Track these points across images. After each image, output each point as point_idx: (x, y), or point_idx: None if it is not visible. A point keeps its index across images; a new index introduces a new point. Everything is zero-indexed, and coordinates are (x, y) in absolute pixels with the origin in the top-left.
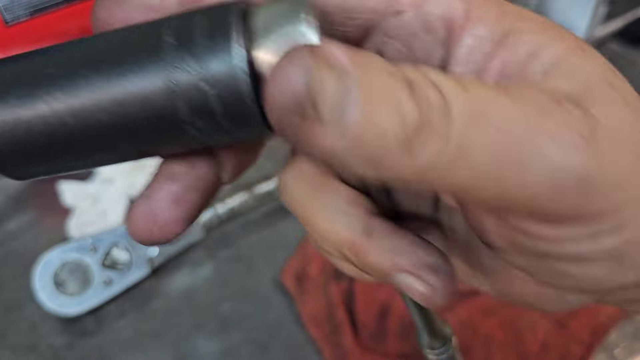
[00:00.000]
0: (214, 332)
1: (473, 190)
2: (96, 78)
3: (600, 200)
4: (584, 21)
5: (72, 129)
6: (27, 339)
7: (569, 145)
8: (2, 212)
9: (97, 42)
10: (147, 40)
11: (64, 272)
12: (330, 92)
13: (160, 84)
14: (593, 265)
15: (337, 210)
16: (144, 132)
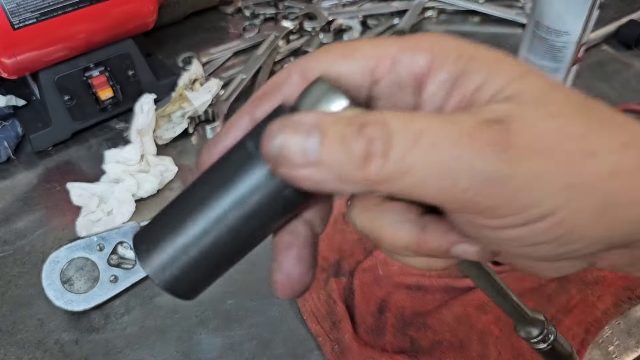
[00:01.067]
0: (217, 328)
1: (420, 193)
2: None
3: (521, 197)
4: (578, 25)
5: (216, 237)
6: (34, 335)
7: (489, 155)
8: (10, 211)
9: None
10: (241, 153)
11: (71, 270)
12: (295, 145)
13: (260, 174)
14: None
15: (396, 222)
16: (258, 211)
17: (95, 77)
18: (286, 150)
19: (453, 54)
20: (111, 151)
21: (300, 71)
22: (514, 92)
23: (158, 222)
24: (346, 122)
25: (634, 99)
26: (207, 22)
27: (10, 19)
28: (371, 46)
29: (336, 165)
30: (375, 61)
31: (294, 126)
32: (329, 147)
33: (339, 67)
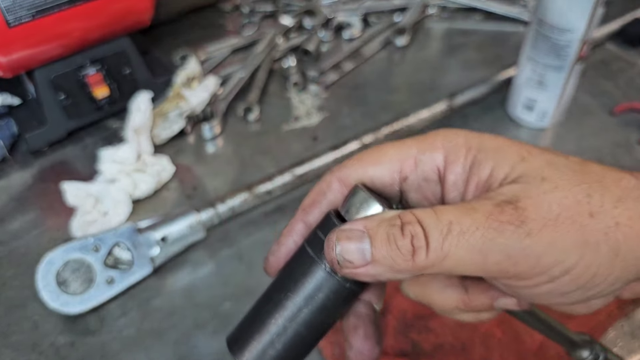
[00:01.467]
0: (214, 331)
1: (460, 270)
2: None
3: (543, 260)
4: (581, 23)
5: (294, 330)
6: (29, 338)
7: (508, 231)
8: (5, 212)
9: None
10: (304, 259)
11: (66, 271)
12: (352, 250)
13: (323, 273)
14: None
15: (442, 289)
16: (327, 305)
17: (91, 75)
18: (346, 255)
19: (463, 148)
20: (107, 150)
21: (339, 179)
22: (519, 174)
23: (246, 324)
24: (388, 224)
25: (638, 97)
26: (204, 19)
27: (6, 16)
28: (394, 151)
29: (388, 261)
30: (400, 163)
31: (348, 235)
32: (379, 247)
33: (372, 172)
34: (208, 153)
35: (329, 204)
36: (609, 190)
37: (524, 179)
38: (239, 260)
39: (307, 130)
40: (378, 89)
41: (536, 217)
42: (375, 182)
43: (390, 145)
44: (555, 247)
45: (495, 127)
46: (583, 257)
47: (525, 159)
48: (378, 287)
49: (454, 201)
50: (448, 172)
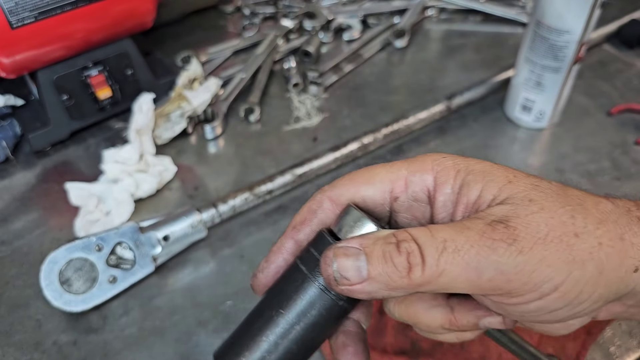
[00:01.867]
0: (216, 329)
1: (454, 287)
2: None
3: (534, 277)
4: (579, 24)
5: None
6: (32, 336)
7: (501, 249)
8: (8, 212)
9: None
10: (297, 277)
11: (69, 270)
12: (348, 267)
13: (316, 291)
14: (555, 311)
15: (428, 308)
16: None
17: (93, 76)
18: (343, 272)
19: (452, 171)
20: (110, 151)
21: (330, 198)
22: (507, 195)
23: (235, 340)
24: (383, 242)
25: (635, 98)
26: (206, 21)
27: (9, 18)
28: (386, 172)
29: (384, 278)
30: (391, 184)
31: (344, 252)
32: (376, 264)
33: (364, 192)
34: (209, 153)
35: (319, 222)
36: (590, 213)
37: (511, 200)
38: (240, 260)
39: (307, 131)
40: (377, 90)
41: (526, 235)
42: (367, 201)
43: (381, 166)
44: (546, 264)
45: (493, 128)
46: (571, 273)
47: (512, 182)
48: (366, 306)
49: (442, 221)
50: (438, 193)
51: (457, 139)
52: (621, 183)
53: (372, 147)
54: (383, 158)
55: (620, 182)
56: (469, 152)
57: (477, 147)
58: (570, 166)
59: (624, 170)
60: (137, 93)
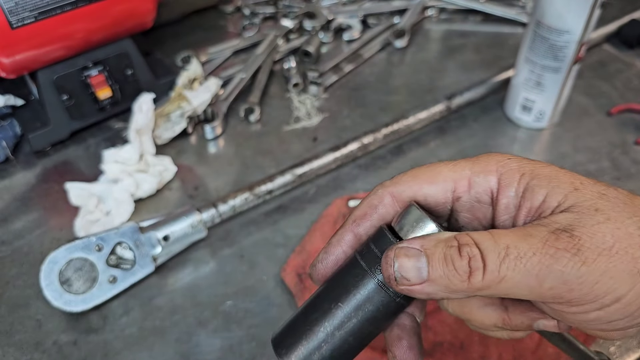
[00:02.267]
0: (216, 329)
1: (514, 293)
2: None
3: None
4: (579, 24)
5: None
6: (32, 336)
7: (564, 259)
8: (8, 212)
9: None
10: (356, 271)
11: (69, 270)
12: (409, 268)
13: (375, 287)
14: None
15: (482, 307)
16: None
17: (93, 76)
18: (403, 272)
19: (517, 174)
20: (110, 151)
21: (391, 194)
22: (572, 203)
23: (293, 328)
24: (445, 245)
25: (635, 98)
26: (206, 21)
27: (9, 18)
28: (449, 170)
29: (444, 280)
30: (454, 184)
31: (405, 253)
32: (436, 267)
33: (426, 190)
34: (209, 153)
35: (380, 217)
36: None
37: (577, 209)
38: (240, 259)
39: (307, 131)
40: (377, 90)
41: (591, 246)
42: (429, 200)
43: (444, 164)
44: (609, 276)
45: (493, 128)
46: (635, 286)
47: (578, 189)
48: (421, 301)
49: (504, 224)
50: (501, 195)
51: (457, 139)
52: (621, 183)
53: (372, 147)
54: (383, 158)
55: (620, 182)
56: (469, 152)
57: (477, 147)
58: (570, 166)
59: (624, 170)
60: (137, 93)
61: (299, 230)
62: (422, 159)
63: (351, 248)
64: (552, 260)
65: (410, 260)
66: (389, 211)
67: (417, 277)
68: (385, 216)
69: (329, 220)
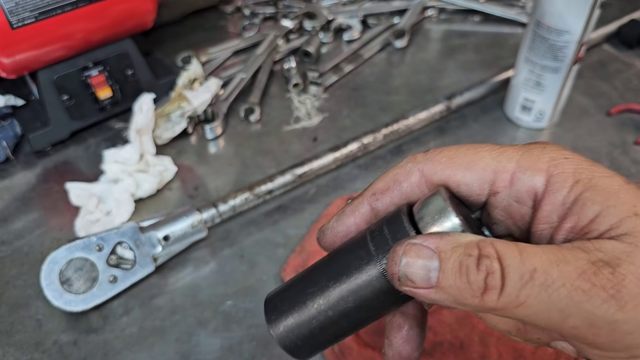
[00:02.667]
0: (216, 329)
1: (530, 321)
2: (340, 285)
3: (628, 339)
4: (579, 25)
5: (334, 318)
6: (32, 336)
7: (599, 298)
8: (9, 212)
9: (333, 262)
10: (362, 253)
11: (69, 270)
12: (417, 269)
13: (378, 274)
14: None
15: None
16: (375, 304)
17: (94, 76)
18: (410, 272)
19: (570, 179)
20: (110, 151)
21: (421, 171)
22: (627, 231)
23: (288, 296)
24: (463, 251)
25: (635, 99)
26: (206, 21)
27: (9, 18)
28: (491, 158)
29: (453, 291)
30: (494, 175)
31: (416, 252)
32: (448, 274)
33: (461, 177)
34: (210, 153)
35: (402, 195)
36: None
37: (630, 239)
38: (240, 259)
39: (307, 131)
40: (377, 90)
41: (633, 290)
42: (462, 188)
43: (488, 149)
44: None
45: (493, 128)
46: None
47: (639, 215)
48: None
49: (541, 234)
50: (546, 200)
51: (456, 139)
52: None
53: (372, 147)
54: (383, 158)
55: None
56: None
57: None
58: None
59: (624, 170)
60: (138, 93)
61: (299, 230)
62: None
63: (365, 222)
64: (583, 297)
65: (419, 260)
66: (414, 190)
67: (424, 281)
68: (409, 195)
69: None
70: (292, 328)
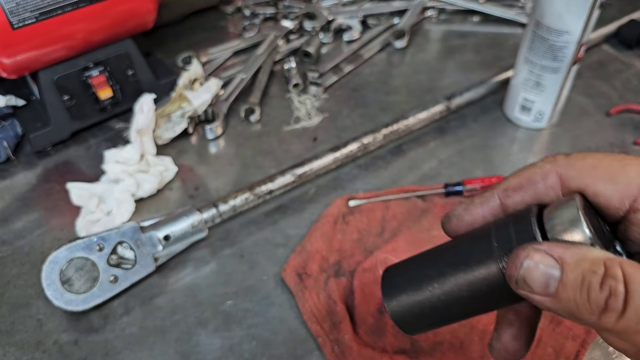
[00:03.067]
0: (216, 329)
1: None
2: (457, 274)
3: None
4: (578, 25)
5: (446, 303)
6: (33, 336)
7: None
8: (9, 212)
9: (453, 250)
10: (484, 247)
11: (70, 270)
12: (537, 276)
13: (497, 271)
14: None
15: None
16: (488, 298)
17: (94, 76)
18: (529, 277)
19: None
20: (111, 151)
21: (560, 174)
22: None
23: (406, 273)
24: (588, 267)
25: (634, 99)
26: (206, 21)
27: (10, 18)
28: (638, 173)
29: (571, 304)
30: (638, 191)
31: (539, 256)
32: (568, 287)
33: (601, 187)
34: (210, 153)
35: (535, 196)
36: None
37: None
38: (240, 259)
39: (308, 131)
40: (377, 90)
41: None
42: (600, 199)
43: (635, 164)
44: None
45: (492, 128)
46: None
47: None
48: None
49: None
50: None
51: (456, 139)
52: None
53: (371, 147)
54: (383, 158)
55: None
56: (468, 152)
57: (477, 147)
58: None
59: None
60: (138, 93)
61: (299, 230)
62: (421, 159)
63: (492, 215)
64: None
65: (540, 267)
66: (548, 192)
67: (542, 288)
68: (541, 196)
69: (329, 220)
70: (404, 304)
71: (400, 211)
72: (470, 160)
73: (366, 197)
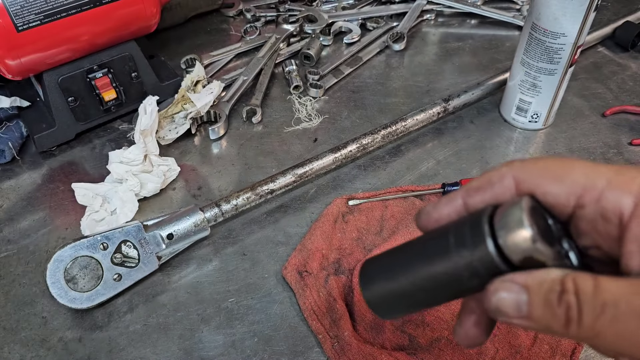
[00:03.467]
0: (219, 326)
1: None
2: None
3: None
4: (574, 27)
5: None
6: (38, 333)
7: None
8: (15, 211)
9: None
10: (443, 243)
11: (75, 268)
12: (509, 303)
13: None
14: None
15: None
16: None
17: (98, 78)
18: (502, 306)
19: None
20: (115, 152)
21: (515, 177)
22: None
23: (380, 263)
24: (548, 287)
25: (629, 100)
26: (208, 24)
27: (14, 21)
28: (582, 174)
29: (543, 322)
30: (582, 190)
31: (507, 287)
32: (536, 307)
33: (549, 187)
34: (212, 154)
35: (493, 196)
36: None
37: None
38: (242, 257)
39: (308, 132)
40: (376, 92)
41: None
42: (549, 198)
43: (581, 165)
44: None
45: (489, 129)
46: None
47: None
48: None
49: (631, 254)
50: (633, 223)
51: (453, 140)
52: None
53: (370, 147)
54: (382, 159)
55: None
56: (465, 152)
57: (474, 147)
58: None
59: None
60: (142, 95)
61: (300, 229)
62: (419, 160)
63: (457, 213)
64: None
65: (510, 295)
66: (504, 193)
67: (516, 312)
68: (499, 196)
69: (329, 219)
70: (378, 292)
71: (398, 210)
72: (467, 160)
73: (365, 196)
